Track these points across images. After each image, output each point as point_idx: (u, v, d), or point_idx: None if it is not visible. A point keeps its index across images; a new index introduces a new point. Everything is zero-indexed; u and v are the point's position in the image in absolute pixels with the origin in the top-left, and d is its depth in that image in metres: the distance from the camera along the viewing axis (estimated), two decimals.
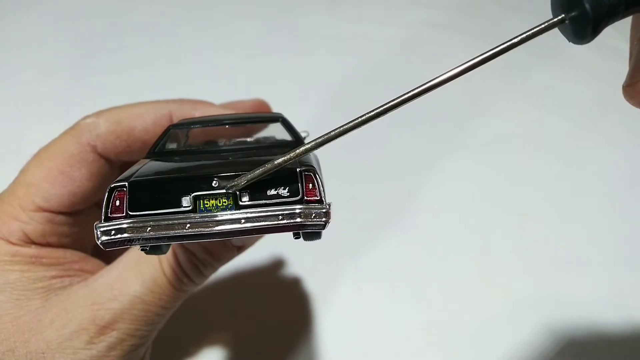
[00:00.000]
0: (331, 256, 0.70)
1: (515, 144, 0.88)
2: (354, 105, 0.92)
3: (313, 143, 0.29)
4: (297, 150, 0.29)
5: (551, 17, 0.29)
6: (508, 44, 0.28)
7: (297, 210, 0.29)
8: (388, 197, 0.79)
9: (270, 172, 0.29)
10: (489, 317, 0.65)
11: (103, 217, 0.29)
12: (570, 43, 0.30)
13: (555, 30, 0.29)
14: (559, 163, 0.84)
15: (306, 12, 1.13)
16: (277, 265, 0.70)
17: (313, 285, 0.68)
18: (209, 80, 0.96)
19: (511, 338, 0.63)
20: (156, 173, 0.32)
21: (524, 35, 0.28)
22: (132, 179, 0.30)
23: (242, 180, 0.29)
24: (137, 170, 0.32)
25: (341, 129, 0.30)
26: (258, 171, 0.29)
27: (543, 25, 0.28)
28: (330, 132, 0.30)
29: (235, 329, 0.64)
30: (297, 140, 0.41)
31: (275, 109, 0.55)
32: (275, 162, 0.29)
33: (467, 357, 0.62)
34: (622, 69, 1.00)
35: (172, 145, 0.42)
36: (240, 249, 0.45)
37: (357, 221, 0.75)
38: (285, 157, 0.29)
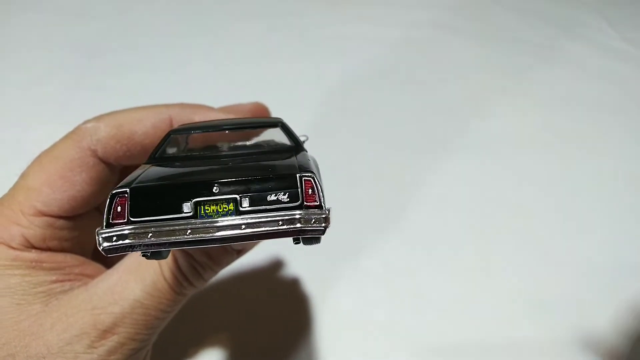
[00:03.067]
0: (331, 256, 0.71)
1: (515, 144, 0.88)
2: (354, 106, 0.93)
3: None
4: None
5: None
6: None
7: (297, 216, 0.29)
8: (388, 197, 0.79)
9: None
10: (489, 317, 0.65)
11: (105, 223, 0.29)
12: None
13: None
14: (559, 162, 0.85)
15: (307, 13, 1.13)
16: (277, 266, 0.70)
17: (313, 286, 0.68)
18: (210, 81, 0.96)
19: (511, 338, 0.63)
20: (157, 179, 0.32)
21: None
22: (133, 185, 0.30)
23: None
24: (139, 176, 0.32)
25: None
26: None
27: None
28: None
29: (235, 330, 0.64)
30: (297, 145, 0.41)
31: (276, 109, 0.55)
32: None
33: (466, 356, 0.62)
34: (622, 69, 1.01)
35: (173, 150, 0.42)
36: (239, 252, 0.45)
37: (358, 221, 0.75)
38: None
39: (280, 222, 0.29)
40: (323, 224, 0.30)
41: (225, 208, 0.30)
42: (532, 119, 0.93)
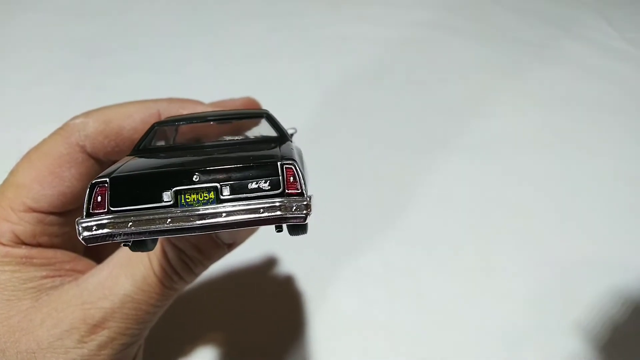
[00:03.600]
0: (331, 256, 0.70)
1: (515, 144, 0.88)
2: (354, 106, 0.93)
3: None
4: None
5: None
6: None
7: (277, 203, 0.29)
8: (388, 197, 0.79)
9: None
10: (489, 317, 0.65)
11: (85, 213, 0.29)
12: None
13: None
14: (559, 162, 0.84)
15: (307, 13, 1.13)
16: (274, 264, 0.70)
17: (312, 286, 0.68)
18: (210, 81, 0.96)
19: (512, 337, 0.63)
20: (138, 169, 0.32)
21: None
22: (113, 175, 0.30)
23: None
24: (120, 167, 0.32)
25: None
26: None
27: None
28: None
29: (231, 328, 0.64)
30: (282, 135, 0.41)
31: (276, 109, 0.55)
32: None
33: (466, 356, 0.62)
34: (622, 69, 1.00)
35: (160, 143, 0.42)
36: (230, 246, 0.45)
37: (358, 221, 0.75)
38: None
39: (261, 210, 0.29)
40: (304, 211, 0.29)
41: (206, 197, 0.30)
42: (532, 119, 0.92)
